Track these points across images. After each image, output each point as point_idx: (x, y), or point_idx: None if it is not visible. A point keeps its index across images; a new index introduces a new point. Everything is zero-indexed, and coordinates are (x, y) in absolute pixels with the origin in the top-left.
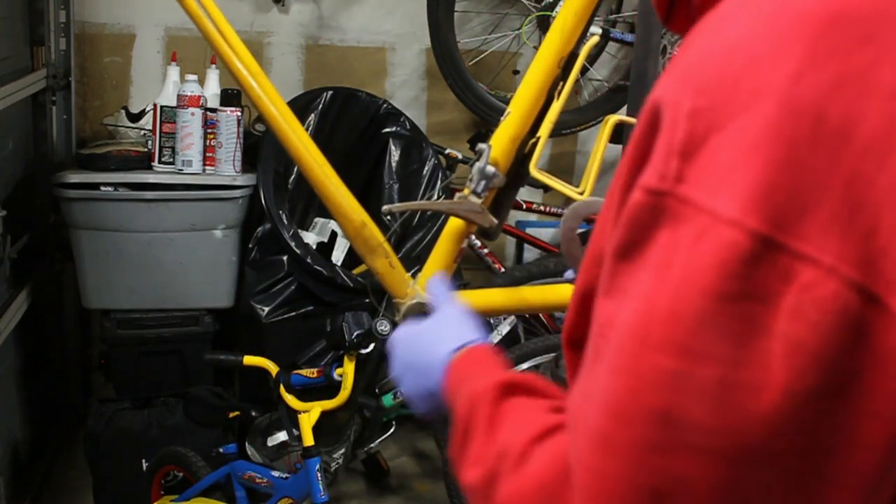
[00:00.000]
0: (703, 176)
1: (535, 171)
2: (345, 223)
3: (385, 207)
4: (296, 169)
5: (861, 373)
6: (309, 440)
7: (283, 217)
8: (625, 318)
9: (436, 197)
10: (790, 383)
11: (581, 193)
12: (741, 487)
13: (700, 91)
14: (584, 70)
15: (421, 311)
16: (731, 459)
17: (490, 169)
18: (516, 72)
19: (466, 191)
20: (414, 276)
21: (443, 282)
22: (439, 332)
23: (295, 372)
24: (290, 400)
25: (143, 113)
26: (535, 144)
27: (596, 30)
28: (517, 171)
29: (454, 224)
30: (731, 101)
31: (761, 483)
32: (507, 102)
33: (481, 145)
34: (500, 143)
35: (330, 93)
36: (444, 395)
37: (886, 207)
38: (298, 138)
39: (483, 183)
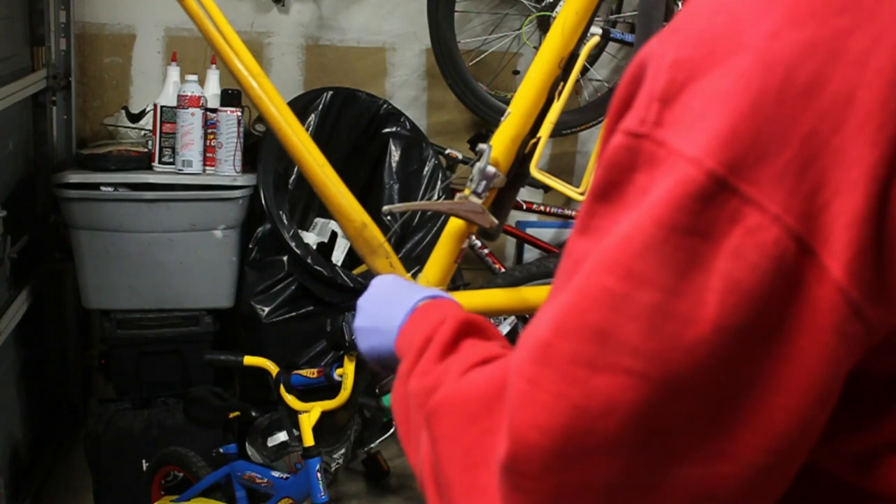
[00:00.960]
0: (677, 120)
1: (535, 171)
2: (345, 224)
3: (385, 208)
4: (296, 169)
5: (788, 319)
6: (309, 440)
7: (283, 217)
8: (597, 253)
9: (436, 197)
10: (721, 319)
11: (582, 194)
12: (660, 415)
13: (683, 44)
14: (584, 70)
15: None
16: (655, 384)
17: (490, 169)
18: (516, 72)
19: (467, 191)
20: (414, 276)
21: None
22: (401, 292)
23: (295, 372)
24: (290, 400)
25: (143, 113)
26: (535, 145)
27: (596, 30)
28: (518, 171)
29: (455, 224)
30: (711, 54)
31: (679, 413)
32: (507, 102)
33: (482, 146)
34: (501, 144)
35: (330, 93)
36: (399, 344)
37: (834, 168)
38: (299, 139)
39: (483, 183)
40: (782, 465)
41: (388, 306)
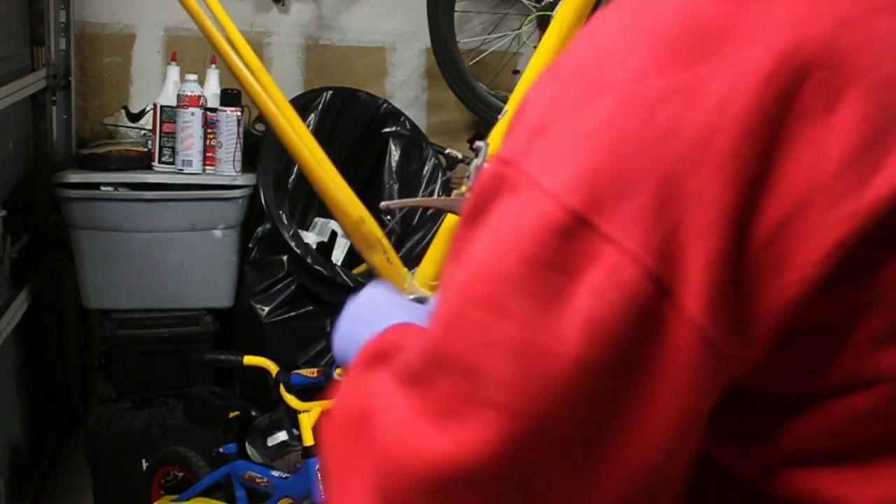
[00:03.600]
0: (543, 154)
1: None
2: (343, 219)
3: (383, 204)
4: (296, 169)
5: (648, 355)
6: (309, 440)
7: (283, 217)
8: (458, 279)
9: (435, 194)
10: (582, 354)
11: None
12: (529, 448)
13: (562, 83)
14: None
15: None
16: (522, 418)
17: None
18: (516, 72)
19: (464, 188)
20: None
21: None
22: (384, 309)
23: (295, 372)
24: (290, 400)
25: (143, 113)
26: None
27: None
28: None
29: (452, 220)
30: (583, 93)
31: (548, 446)
32: (506, 102)
33: (479, 143)
34: (498, 141)
35: (330, 93)
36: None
37: (691, 209)
38: (297, 134)
39: None
40: (650, 496)
41: (367, 318)
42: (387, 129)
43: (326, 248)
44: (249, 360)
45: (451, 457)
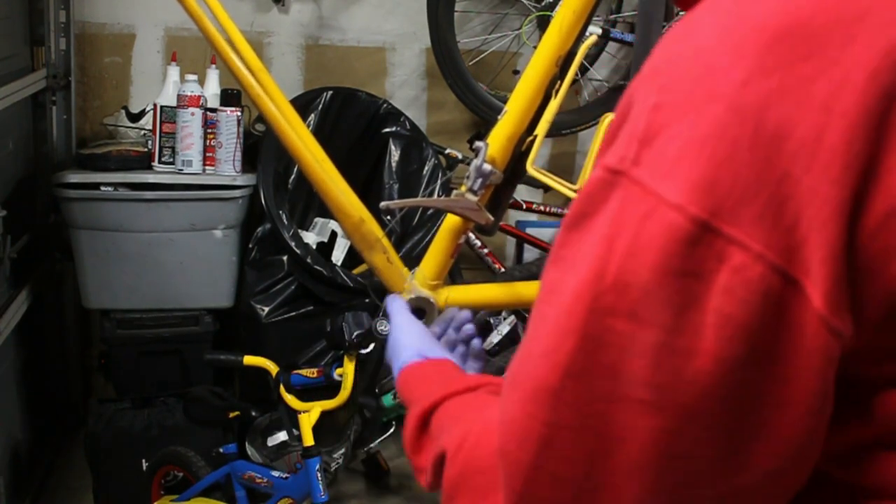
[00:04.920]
0: (655, 162)
1: (532, 169)
2: (343, 219)
3: (383, 204)
4: (296, 169)
5: (779, 344)
6: (309, 440)
7: (283, 217)
8: (572, 284)
9: (435, 194)
10: (719, 351)
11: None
12: (677, 440)
13: (664, 89)
14: (583, 70)
15: (419, 306)
16: (668, 412)
17: (487, 167)
18: (516, 72)
19: (463, 188)
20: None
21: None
22: (401, 339)
23: (295, 372)
24: (290, 400)
25: (143, 113)
26: (532, 142)
27: (595, 29)
28: (514, 168)
29: (451, 221)
30: (688, 100)
31: (695, 436)
32: (506, 102)
33: (478, 143)
34: (497, 141)
35: (330, 93)
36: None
37: (807, 206)
38: (297, 134)
39: (480, 181)
40: (794, 468)
41: (396, 342)
42: (387, 129)
43: (326, 248)
44: (249, 360)
45: (604, 451)
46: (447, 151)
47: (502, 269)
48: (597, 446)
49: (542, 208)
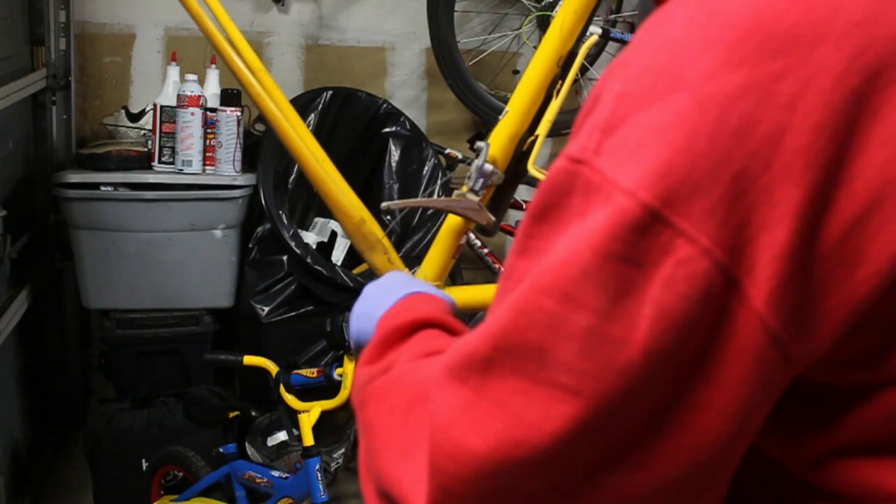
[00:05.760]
0: (615, 150)
1: (533, 169)
2: (344, 219)
3: (384, 204)
4: (296, 169)
5: (713, 344)
6: (309, 440)
7: (283, 217)
8: (527, 271)
9: (435, 194)
10: (651, 343)
11: None
12: (590, 429)
13: (629, 78)
14: (584, 70)
15: None
16: (588, 401)
17: (488, 167)
18: (516, 72)
19: (464, 188)
20: (413, 273)
21: None
22: (399, 284)
23: (295, 372)
24: (290, 400)
25: (143, 113)
26: (533, 142)
27: (596, 29)
28: (515, 168)
29: (452, 221)
30: (652, 89)
31: (608, 427)
32: (507, 102)
33: (479, 143)
34: (499, 141)
35: (330, 93)
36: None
37: (761, 204)
38: (298, 134)
39: (481, 181)
40: (701, 477)
41: (383, 295)
42: (387, 129)
43: (326, 248)
44: (249, 360)
45: (516, 437)
46: (447, 151)
47: (502, 269)
48: (509, 428)
49: None
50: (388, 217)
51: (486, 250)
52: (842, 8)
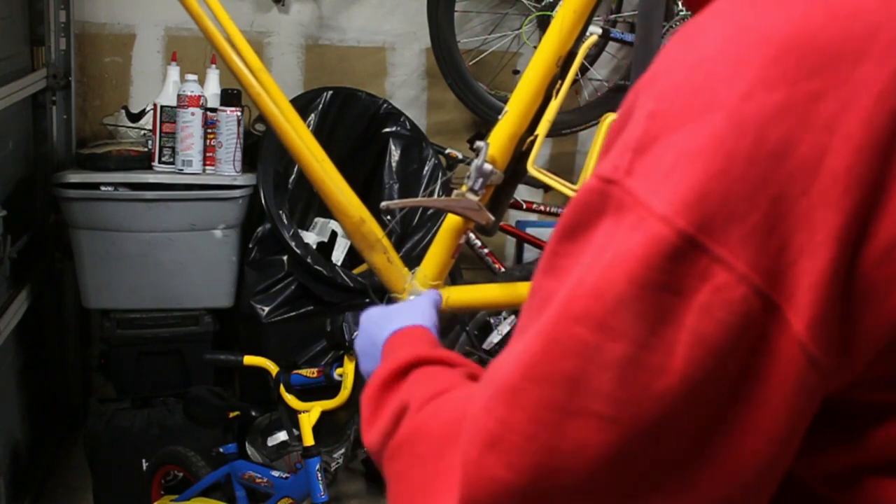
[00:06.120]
0: (648, 172)
1: (533, 169)
2: (344, 219)
3: (383, 204)
4: (296, 169)
5: (753, 370)
6: (309, 440)
7: (283, 217)
8: (556, 294)
9: (435, 194)
10: (689, 370)
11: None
12: (629, 457)
13: (662, 96)
14: (584, 70)
15: None
16: (625, 428)
17: (487, 166)
18: (516, 72)
19: (464, 188)
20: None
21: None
22: (389, 316)
23: (295, 372)
24: (290, 400)
25: (143, 113)
26: (532, 142)
27: (596, 29)
28: (515, 168)
29: (452, 220)
30: (686, 109)
31: (647, 454)
32: (506, 102)
33: (479, 143)
34: (498, 141)
35: (330, 93)
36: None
37: (800, 229)
38: (298, 134)
39: (480, 180)
40: (742, 497)
41: (376, 330)
42: (387, 129)
43: (326, 248)
44: (249, 360)
45: (551, 464)
46: (447, 151)
47: (502, 269)
48: (543, 458)
49: (542, 208)
50: (388, 217)
51: (485, 250)
52: (883, 25)
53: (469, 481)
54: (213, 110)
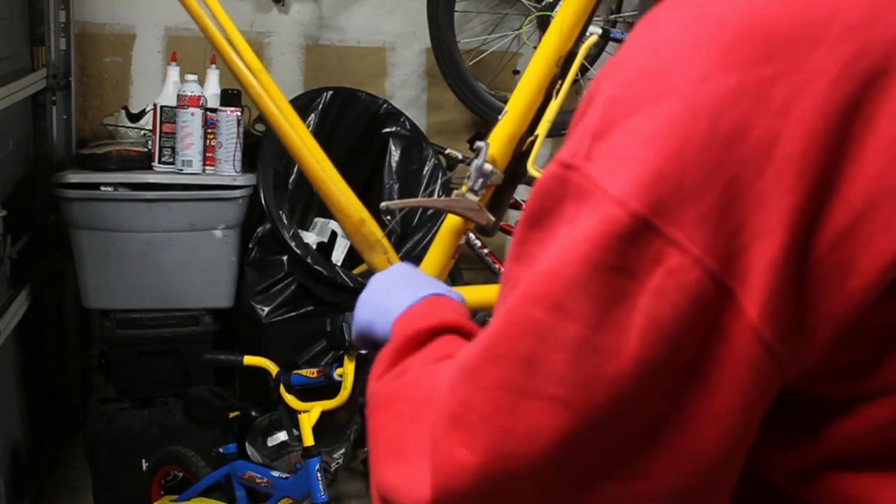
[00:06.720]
0: (605, 157)
1: (532, 168)
2: (344, 220)
3: (383, 204)
4: (296, 169)
5: (706, 354)
6: (309, 440)
7: (283, 217)
8: (520, 279)
9: (435, 194)
10: (642, 353)
11: None
12: (582, 440)
13: (621, 83)
14: (584, 70)
15: None
16: (578, 412)
17: (487, 166)
18: (516, 72)
19: (464, 188)
20: None
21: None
22: (417, 281)
23: (295, 372)
24: (290, 400)
25: (143, 113)
26: (532, 142)
27: (596, 29)
28: (515, 168)
29: (452, 221)
30: (643, 94)
31: (601, 438)
32: (506, 102)
33: (479, 143)
34: (498, 141)
35: (330, 93)
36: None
37: (754, 212)
38: (298, 134)
39: (480, 181)
40: (701, 490)
41: (399, 289)
42: (387, 129)
43: (326, 248)
44: (249, 360)
45: (506, 447)
46: (447, 151)
47: (502, 269)
48: (499, 440)
49: None
50: (388, 217)
51: (485, 250)
52: (839, 10)
53: (435, 460)
54: (213, 110)
